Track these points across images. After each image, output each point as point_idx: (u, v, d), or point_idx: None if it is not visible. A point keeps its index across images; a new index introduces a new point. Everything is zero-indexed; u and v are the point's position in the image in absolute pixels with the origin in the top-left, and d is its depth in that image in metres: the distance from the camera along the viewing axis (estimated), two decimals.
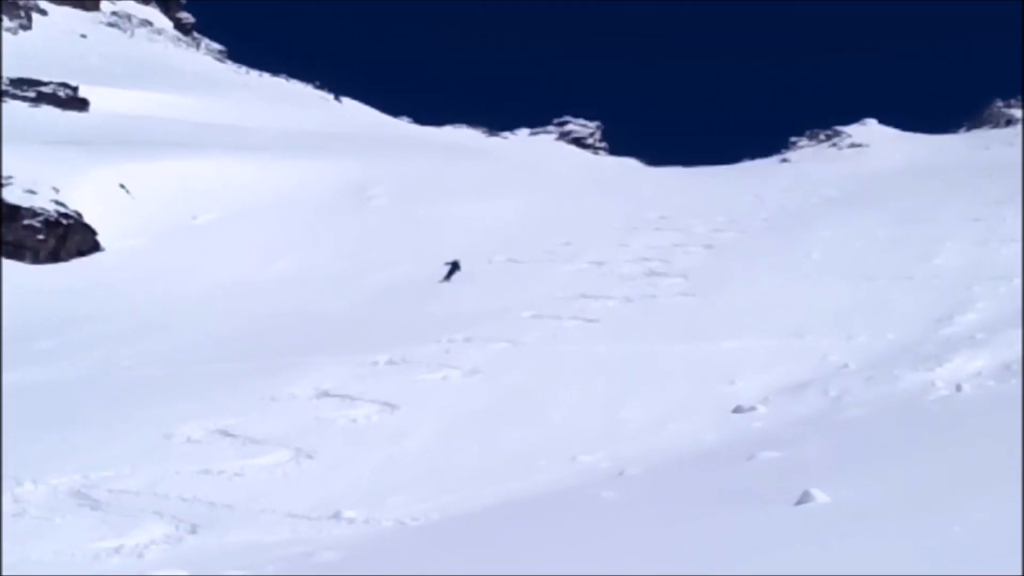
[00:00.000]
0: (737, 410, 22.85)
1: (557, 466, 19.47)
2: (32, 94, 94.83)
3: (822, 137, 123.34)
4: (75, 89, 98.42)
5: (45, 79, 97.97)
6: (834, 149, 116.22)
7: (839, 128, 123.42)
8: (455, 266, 44.26)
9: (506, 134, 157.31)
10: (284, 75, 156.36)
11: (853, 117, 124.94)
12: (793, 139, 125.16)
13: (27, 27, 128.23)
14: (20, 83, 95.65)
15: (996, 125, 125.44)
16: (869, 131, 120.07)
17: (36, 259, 54.92)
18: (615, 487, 13.55)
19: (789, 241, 49.12)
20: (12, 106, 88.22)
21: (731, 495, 10.54)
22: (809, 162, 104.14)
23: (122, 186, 62.91)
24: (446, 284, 43.79)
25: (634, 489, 13.51)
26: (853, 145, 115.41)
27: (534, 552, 9.11)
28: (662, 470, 16.34)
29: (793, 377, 25.70)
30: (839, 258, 43.53)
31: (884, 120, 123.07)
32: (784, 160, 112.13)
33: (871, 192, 67.44)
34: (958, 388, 20.49)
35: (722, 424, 21.67)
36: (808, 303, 34.99)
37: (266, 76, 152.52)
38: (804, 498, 8.97)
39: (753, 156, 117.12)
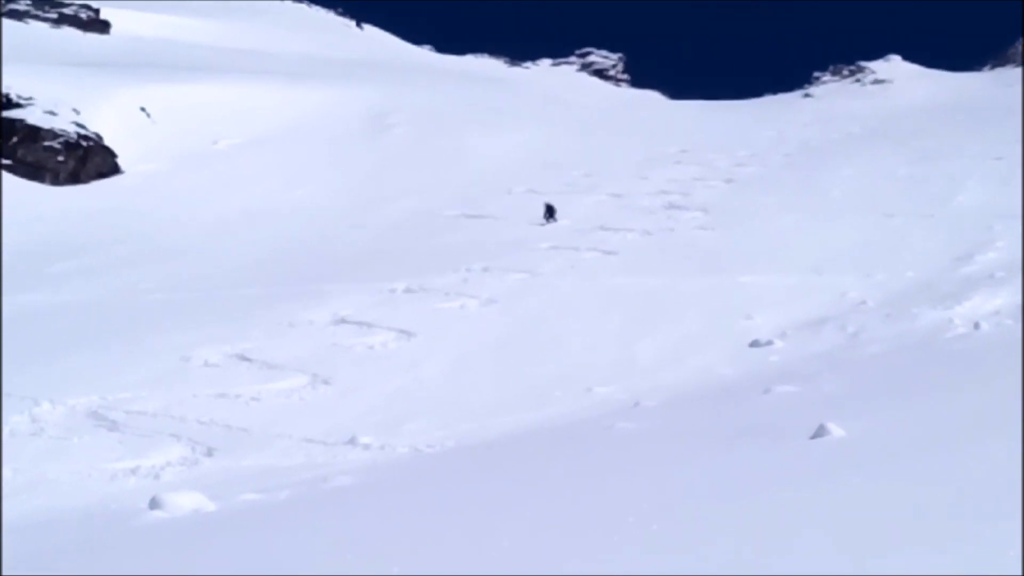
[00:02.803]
0: (754, 344, 22.82)
1: (572, 397, 19.51)
2: (54, 15, 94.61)
3: (845, 72, 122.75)
4: (96, 11, 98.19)
5: (67, 0, 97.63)
6: (857, 85, 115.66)
7: (863, 64, 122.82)
8: (550, 210, 42.47)
9: (528, 64, 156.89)
10: (306, 1, 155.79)
11: (877, 53, 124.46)
12: (816, 74, 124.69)
13: None
14: (42, 4, 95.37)
15: (1021, 64, 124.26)
16: (893, 67, 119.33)
17: (56, 180, 55.04)
18: (630, 418, 13.56)
19: (810, 177, 48.92)
20: (33, 27, 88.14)
21: (746, 428, 10.53)
22: (832, 97, 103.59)
23: (143, 109, 62.89)
24: (544, 223, 42.12)
25: (649, 421, 13.52)
26: (876, 81, 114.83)
27: (548, 482, 9.12)
28: (678, 402, 16.35)
29: (811, 313, 25.64)
30: (860, 195, 43.34)
31: (908, 57, 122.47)
32: (807, 95, 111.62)
33: (893, 129, 67.02)
34: (976, 326, 20.40)
35: (738, 358, 21.65)
36: (828, 240, 34.89)
37: (288, 2, 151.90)
38: (819, 432, 8.96)
39: (776, 90, 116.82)
